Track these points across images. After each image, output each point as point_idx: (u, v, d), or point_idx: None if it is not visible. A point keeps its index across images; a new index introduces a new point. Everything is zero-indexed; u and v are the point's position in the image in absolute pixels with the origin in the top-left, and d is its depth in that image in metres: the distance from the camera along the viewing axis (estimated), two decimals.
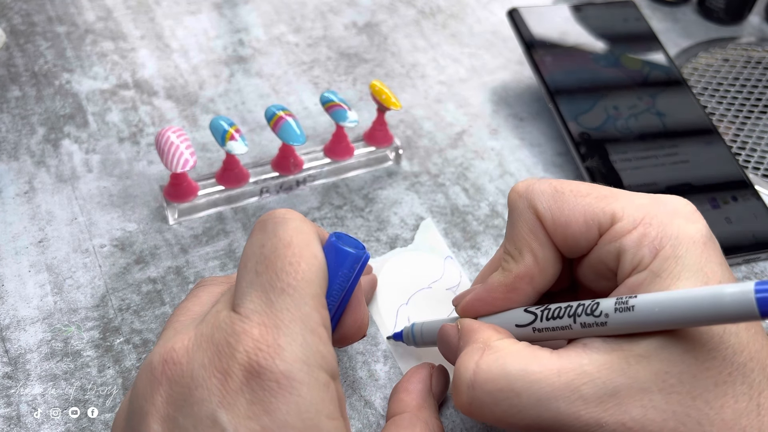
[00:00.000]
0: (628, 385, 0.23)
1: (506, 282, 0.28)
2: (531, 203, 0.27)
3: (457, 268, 0.38)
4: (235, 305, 0.23)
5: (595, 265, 0.27)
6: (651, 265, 0.24)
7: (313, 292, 0.23)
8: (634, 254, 0.25)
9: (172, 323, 0.25)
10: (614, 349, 0.24)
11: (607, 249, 0.26)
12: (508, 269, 0.28)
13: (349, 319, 0.27)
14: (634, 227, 0.25)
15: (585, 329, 0.25)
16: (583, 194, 0.27)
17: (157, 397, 0.22)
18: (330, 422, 0.22)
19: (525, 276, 0.27)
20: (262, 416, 0.21)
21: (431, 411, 0.30)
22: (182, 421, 0.21)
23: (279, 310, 0.22)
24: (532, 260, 0.27)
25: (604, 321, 0.24)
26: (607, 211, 0.26)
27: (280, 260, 0.23)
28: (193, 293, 0.28)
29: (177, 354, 0.22)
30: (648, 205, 0.26)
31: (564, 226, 0.27)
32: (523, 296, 0.28)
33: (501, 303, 0.28)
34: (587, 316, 0.24)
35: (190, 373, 0.22)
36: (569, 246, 0.27)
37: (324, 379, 0.22)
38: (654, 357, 0.23)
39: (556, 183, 0.28)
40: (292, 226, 0.24)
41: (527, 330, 0.27)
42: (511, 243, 0.28)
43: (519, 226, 0.28)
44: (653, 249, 0.24)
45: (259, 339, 0.21)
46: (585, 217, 0.26)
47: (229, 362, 0.21)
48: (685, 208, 0.26)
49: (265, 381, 0.21)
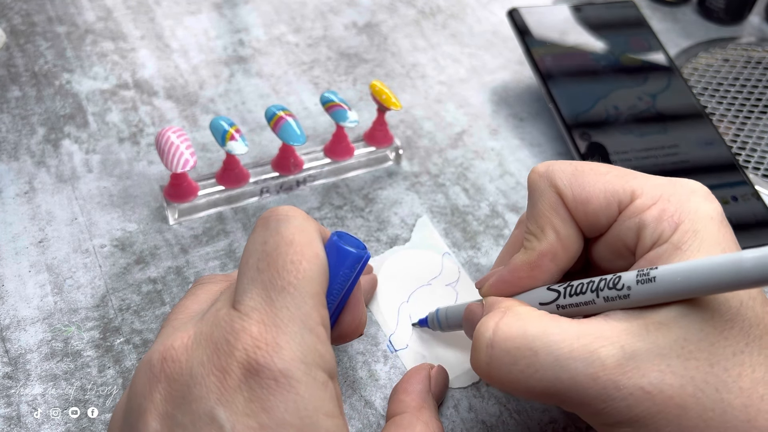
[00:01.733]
0: (647, 350, 0.23)
1: (530, 260, 0.28)
2: (552, 181, 0.28)
3: (455, 264, 0.38)
4: (236, 302, 0.23)
5: (612, 243, 0.27)
6: (671, 238, 0.25)
7: (314, 291, 0.23)
8: (654, 228, 0.25)
9: (171, 321, 0.25)
10: (635, 317, 0.24)
11: (627, 225, 0.26)
12: (531, 248, 0.28)
13: (347, 318, 0.27)
14: (654, 203, 0.26)
15: (608, 303, 0.25)
16: (602, 173, 0.27)
17: (155, 394, 0.22)
18: (328, 420, 0.22)
19: (548, 253, 0.28)
20: (260, 414, 0.21)
21: (431, 412, 0.30)
22: (180, 418, 0.21)
23: (279, 308, 0.22)
24: (555, 237, 0.28)
25: (627, 294, 0.24)
26: (627, 188, 0.26)
27: (282, 258, 0.23)
28: (191, 291, 0.28)
29: (176, 352, 0.22)
30: (665, 185, 0.26)
31: (585, 203, 0.27)
32: (547, 273, 0.28)
33: (526, 282, 0.28)
34: (610, 289, 0.25)
35: (188, 371, 0.22)
36: (590, 222, 0.27)
37: (322, 378, 0.22)
38: (673, 324, 0.23)
39: (576, 162, 0.28)
40: (294, 223, 0.24)
41: (551, 307, 0.27)
42: (533, 222, 0.28)
43: (540, 205, 0.28)
44: (673, 223, 0.25)
45: (258, 337, 0.21)
46: (605, 194, 0.27)
47: (227, 360, 0.21)
48: (701, 189, 0.26)
49: (264, 379, 0.21)
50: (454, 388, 0.33)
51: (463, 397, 0.33)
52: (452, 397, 0.33)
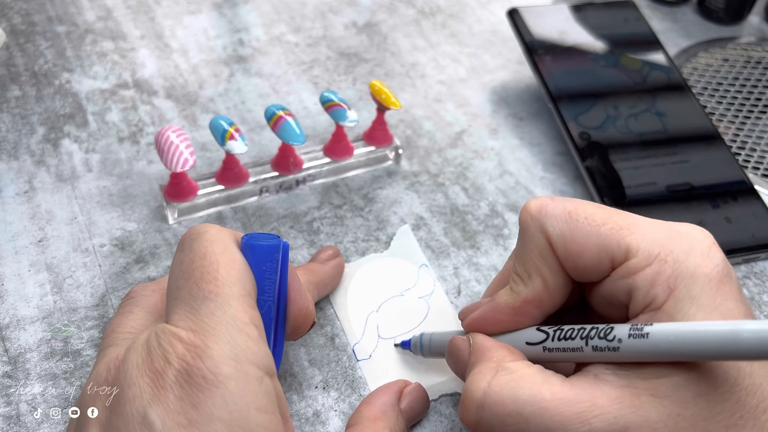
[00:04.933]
0: (638, 424, 0.22)
1: (514, 305, 0.27)
2: (542, 227, 0.27)
3: (431, 277, 0.38)
4: (167, 320, 0.24)
5: (606, 295, 0.27)
6: (665, 305, 0.24)
7: (237, 293, 0.24)
8: (646, 293, 0.24)
9: (110, 341, 0.27)
10: (626, 384, 0.23)
11: (618, 284, 0.25)
12: (517, 291, 0.27)
13: (293, 309, 0.28)
14: (648, 264, 0.25)
15: (596, 353, 0.24)
16: (597, 223, 0.26)
17: (98, 402, 0.24)
18: (261, 415, 0.22)
19: (533, 300, 0.27)
20: (189, 410, 0.22)
21: (386, 423, 0.29)
22: (115, 420, 0.22)
23: (204, 315, 0.23)
24: (542, 285, 0.27)
25: (617, 346, 0.24)
26: (622, 244, 0.25)
27: (198, 271, 0.24)
28: (125, 308, 0.29)
29: (118, 360, 0.24)
30: (664, 240, 0.25)
31: (575, 255, 0.26)
32: (531, 319, 0.27)
33: (507, 324, 0.28)
34: (600, 339, 0.24)
35: (125, 374, 0.23)
36: (580, 274, 0.27)
37: (255, 374, 0.23)
38: (667, 397, 0.23)
39: (571, 206, 0.27)
40: (206, 237, 0.25)
41: (537, 348, 0.27)
42: (520, 265, 0.28)
43: (529, 249, 0.27)
44: (667, 288, 0.24)
45: (188, 342, 0.22)
46: (598, 249, 0.25)
47: (160, 362, 0.22)
48: (702, 242, 0.25)
49: (193, 377, 0.22)
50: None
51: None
52: (451, 398, 0.33)
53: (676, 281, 0.24)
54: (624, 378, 0.24)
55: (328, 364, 0.34)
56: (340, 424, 0.32)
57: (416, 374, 0.33)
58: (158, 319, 0.28)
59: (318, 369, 0.34)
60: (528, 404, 0.24)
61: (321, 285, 0.35)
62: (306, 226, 0.40)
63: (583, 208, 0.27)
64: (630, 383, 0.23)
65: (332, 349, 0.34)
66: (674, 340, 0.22)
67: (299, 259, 0.38)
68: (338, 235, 0.40)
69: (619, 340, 0.23)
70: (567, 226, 0.26)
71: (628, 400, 0.23)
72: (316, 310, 0.36)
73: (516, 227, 0.41)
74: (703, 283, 0.24)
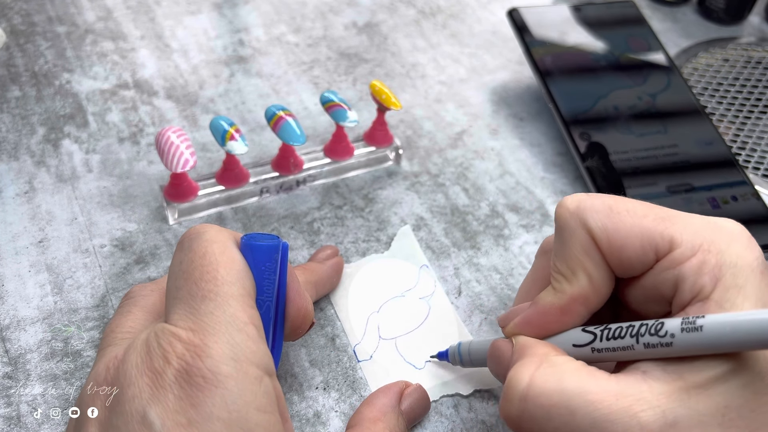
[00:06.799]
0: (687, 417, 0.22)
1: (560, 304, 0.27)
2: (584, 221, 0.26)
3: (432, 278, 0.38)
4: (166, 320, 0.24)
5: (647, 289, 0.26)
6: (713, 294, 0.24)
7: (236, 293, 0.24)
8: (693, 282, 0.24)
9: (109, 341, 0.27)
10: (674, 378, 0.23)
11: (664, 276, 0.25)
12: (561, 290, 0.27)
13: (292, 310, 0.28)
14: (693, 254, 0.24)
15: (648, 350, 0.24)
16: (639, 215, 0.26)
17: (97, 402, 0.23)
18: (260, 415, 0.22)
19: (579, 297, 0.26)
20: (188, 409, 0.22)
21: (387, 424, 0.29)
22: (115, 420, 0.22)
23: (204, 314, 0.23)
24: (587, 281, 0.26)
25: (669, 341, 0.23)
26: (666, 235, 0.25)
27: (198, 271, 0.24)
28: (124, 308, 0.29)
29: (117, 360, 0.24)
30: (705, 230, 0.25)
31: (620, 248, 0.26)
32: (578, 318, 0.27)
33: (554, 326, 0.27)
34: (651, 336, 0.24)
35: (124, 373, 0.23)
36: (623, 267, 0.26)
37: (255, 373, 0.23)
38: (714, 389, 0.22)
39: (610, 200, 0.26)
40: (205, 237, 0.25)
41: (585, 350, 0.26)
42: (562, 262, 0.27)
43: (571, 246, 0.26)
44: (713, 278, 0.24)
45: (188, 341, 0.23)
46: (642, 241, 0.25)
47: (160, 362, 0.22)
48: (741, 234, 0.25)
49: (193, 377, 0.22)
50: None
51: (463, 398, 0.33)
52: (452, 399, 0.33)
53: (721, 270, 0.24)
54: (673, 373, 0.23)
55: (329, 365, 0.34)
56: (341, 425, 0.32)
57: (417, 375, 0.33)
58: (157, 318, 0.28)
59: (319, 370, 0.34)
60: (575, 396, 0.23)
61: (319, 284, 0.35)
62: (306, 227, 0.40)
63: (622, 202, 0.26)
64: (678, 377, 0.23)
65: (333, 350, 0.34)
66: (730, 332, 0.22)
67: (299, 259, 0.38)
68: (339, 235, 0.40)
69: (672, 335, 0.23)
70: (609, 220, 0.26)
71: (676, 394, 0.23)
72: (316, 310, 0.36)
73: (516, 227, 0.41)
74: (747, 272, 0.24)
